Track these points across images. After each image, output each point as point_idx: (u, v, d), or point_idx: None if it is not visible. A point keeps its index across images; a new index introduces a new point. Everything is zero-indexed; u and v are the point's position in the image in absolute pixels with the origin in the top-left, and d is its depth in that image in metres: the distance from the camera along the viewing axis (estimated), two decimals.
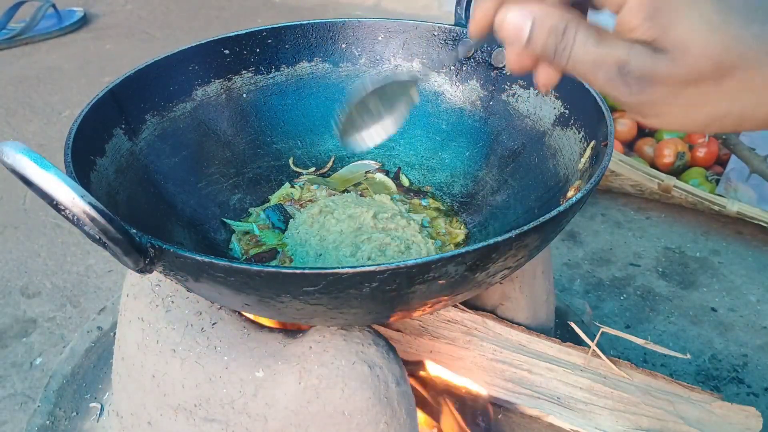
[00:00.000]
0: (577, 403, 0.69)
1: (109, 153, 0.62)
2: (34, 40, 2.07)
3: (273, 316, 0.55)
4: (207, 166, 0.75)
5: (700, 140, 1.37)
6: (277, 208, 0.75)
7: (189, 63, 0.73)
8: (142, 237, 0.44)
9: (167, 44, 2.06)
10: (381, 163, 0.81)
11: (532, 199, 0.70)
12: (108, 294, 1.14)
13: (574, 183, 0.60)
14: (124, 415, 0.67)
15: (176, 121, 0.72)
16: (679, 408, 0.67)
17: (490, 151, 0.74)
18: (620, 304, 1.13)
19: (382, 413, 0.56)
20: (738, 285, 1.17)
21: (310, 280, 0.44)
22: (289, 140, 0.80)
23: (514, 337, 0.70)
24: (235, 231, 0.73)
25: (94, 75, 1.88)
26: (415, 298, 0.49)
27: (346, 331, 0.58)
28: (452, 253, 0.44)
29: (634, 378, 0.69)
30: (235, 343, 0.58)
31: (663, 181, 1.26)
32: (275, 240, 0.72)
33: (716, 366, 1.02)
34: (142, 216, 0.63)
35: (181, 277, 0.49)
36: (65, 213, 0.41)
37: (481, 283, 0.52)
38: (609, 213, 1.36)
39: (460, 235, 0.72)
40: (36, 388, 0.96)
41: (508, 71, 0.42)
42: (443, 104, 0.78)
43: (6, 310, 1.11)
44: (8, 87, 1.81)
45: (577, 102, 0.65)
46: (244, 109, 0.77)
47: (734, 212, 1.22)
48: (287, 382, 0.56)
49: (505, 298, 0.74)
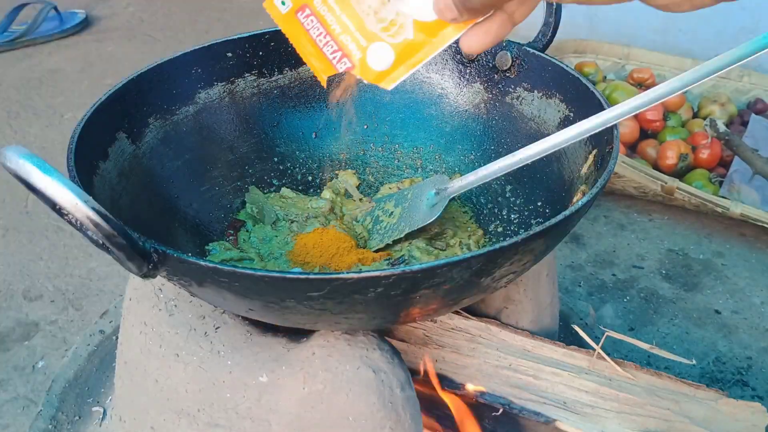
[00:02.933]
0: (583, 407, 0.68)
1: (112, 157, 0.62)
2: (36, 43, 2.07)
3: (277, 320, 0.55)
4: (210, 170, 0.74)
5: (704, 142, 1.37)
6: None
7: (192, 66, 0.73)
8: (146, 241, 0.44)
9: (169, 46, 2.06)
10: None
11: (536, 203, 0.70)
12: (110, 297, 1.14)
13: (580, 187, 0.60)
14: (126, 419, 0.67)
15: (179, 125, 0.72)
16: (685, 407, 0.67)
17: (494, 155, 0.74)
18: (623, 307, 1.13)
19: (386, 418, 0.56)
20: (742, 287, 1.17)
21: (314, 286, 0.44)
22: (291, 143, 0.80)
23: (519, 343, 0.70)
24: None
25: (96, 77, 1.88)
26: (420, 302, 0.49)
27: (350, 335, 0.57)
28: (457, 258, 0.44)
29: (639, 379, 0.69)
30: (238, 348, 0.58)
31: (666, 183, 1.26)
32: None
33: (720, 369, 1.02)
34: (145, 220, 0.63)
35: (185, 281, 0.49)
36: (68, 218, 0.41)
37: (487, 287, 0.52)
38: (612, 215, 1.36)
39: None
40: (38, 392, 0.96)
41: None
42: (447, 107, 0.78)
43: (8, 314, 1.11)
44: (10, 89, 1.81)
45: (582, 105, 0.64)
46: (247, 113, 0.77)
47: (738, 214, 1.22)
48: (291, 386, 0.56)
49: (509, 301, 0.73)
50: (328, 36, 0.46)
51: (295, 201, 0.77)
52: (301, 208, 0.75)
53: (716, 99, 1.52)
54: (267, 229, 0.73)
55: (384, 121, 0.81)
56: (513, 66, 0.73)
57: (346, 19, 0.46)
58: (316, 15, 0.46)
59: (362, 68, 0.46)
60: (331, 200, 0.77)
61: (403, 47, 0.45)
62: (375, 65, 0.46)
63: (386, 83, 0.46)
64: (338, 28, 0.46)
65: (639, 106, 0.50)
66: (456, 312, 0.71)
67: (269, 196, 0.77)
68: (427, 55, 0.44)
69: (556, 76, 0.69)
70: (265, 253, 0.70)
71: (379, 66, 0.46)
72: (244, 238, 0.72)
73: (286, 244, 0.71)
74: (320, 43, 0.47)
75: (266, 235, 0.73)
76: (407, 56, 0.45)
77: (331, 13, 0.46)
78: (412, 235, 0.69)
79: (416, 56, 0.45)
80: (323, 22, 0.46)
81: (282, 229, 0.73)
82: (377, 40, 0.45)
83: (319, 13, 0.46)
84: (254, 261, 0.69)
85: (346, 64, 0.46)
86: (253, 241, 0.72)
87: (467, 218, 0.76)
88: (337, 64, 0.46)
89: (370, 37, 0.45)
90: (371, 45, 0.45)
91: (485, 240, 0.73)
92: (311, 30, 0.47)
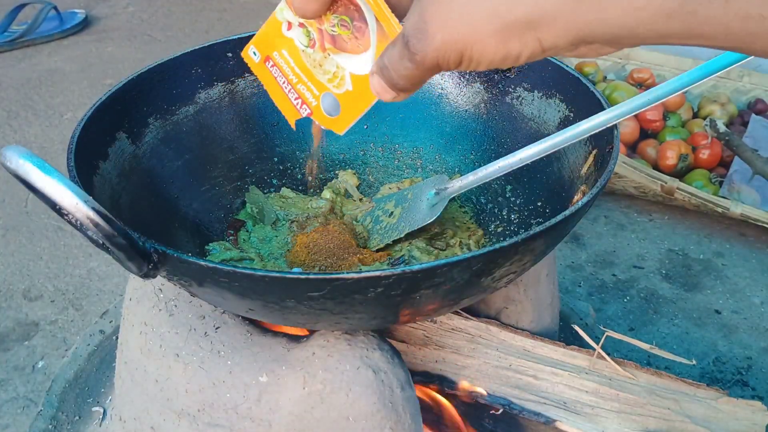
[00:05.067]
0: (583, 407, 0.68)
1: (112, 157, 0.62)
2: (36, 43, 2.07)
3: (277, 320, 0.55)
4: (210, 170, 0.74)
5: (704, 142, 1.37)
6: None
7: (192, 66, 0.73)
8: (146, 242, 0.44)
9: (169, 46, 2.06)
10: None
11: (536, 203, 0.70)
12: (110, 297, 1.14)
13: (580, 187, 0.60)
14: (126, 419, 0.67)
15: (179, 125, 0.72)
16: (685, 407, 0.67)
17: (494, 155, 0.74)
18: (624, 307, 1.13)
19: (386, 418, 0.56)
20: (742, 287, 1.17)
21: (314, 286, 0.44)
22: (292, 143, 0.80)
23: (519, 343, 0.70)
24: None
25: (96, 77, 1.88)
26: (420, 302, 0.49)
27: (350, 335, 0.57)
28: (457, 258, 0.44)
29: (640, 378, 0.69)
30: (238, 348, 0.58)
31: (666, 183, 1.26)
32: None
33: (720, 369, 1.02)
34: (145, 220, 0.63)
35: (185, 281, 0.49)
36: (68, 218, 0.41)
37: (487, 287, 0.52)
38: (612, 215, 1.36)
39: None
40: (38, 392, 0.96)
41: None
42: (447, 107, 0.78)
43: (8, 314, 1.11)
44: (10, 89, 1.81)
45: (582, 105, 0.64)
46: (247, 113, 0.77)
47: (738, 214, 1.22)
48: (291, 386, 0.56)
49: (509, 301, 0.73)
50: (290, 85, 0.50)
51: (295, 201, 0.77)
52: (301, 208, 0.75)
53: (716, 99, 1.52)
54: (267, 229, 0.73)
55: (384, 121, 0.81)
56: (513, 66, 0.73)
57: (299, 70, 0.49)
58: (277, 66, 0.50)
59: (318, 115, 0.50)
60: (331, 200, 0.77)
61: (347, 97, 0.48)
62: (327, 112, 0.49)
63: (338, 129, 0.49)
64: (295, 78, 0.50)
65: (639, 106, 0.50)
66: (456, 312, 0.71)
67: (269, 196, 0.77)
68: (367, 105, 0.47)
69: (556, 76, 0.69)
70: (265, 253, 0.70)
71: (331, 113, 0.49)
72: (244, 238, 0.72)
73: (286, 244, 0.71)
74: (285, 89, 0.51)
75: (266, 235, 0.72)
76: (351, 106, 0.48)
77: (287, 64, 0.50)
78: (412, 235, 0.69)
79: (358, 106, 0.47)
80: (284, 73, 0.50)
81: (282, 229, 0.73)
82: (326, 90, 0.48)
83: (279, 64, 0.50)
84: (254, 261, 0.69)
85: (307, 110, 0.50)
86: (253, 241, 0.72)
87: (467, 218, 0.76)
88: (300, 109, 0.50)
89: (320, 87, 0.49)
90: (322, 94, 0.49)
91: (485, 240, 0.73)
92: (277, 78, 0.51)
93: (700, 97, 1.58)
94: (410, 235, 0.68)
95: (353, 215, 0.75)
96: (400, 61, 0.39)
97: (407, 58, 0.38)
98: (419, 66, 0.38)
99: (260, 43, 0.51)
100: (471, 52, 0.36)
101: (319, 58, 0.47)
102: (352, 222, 0.74)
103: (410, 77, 0.39)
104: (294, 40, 0.48)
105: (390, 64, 0.40)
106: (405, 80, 0.40)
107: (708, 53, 1.63)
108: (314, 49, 0.47)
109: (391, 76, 0.40)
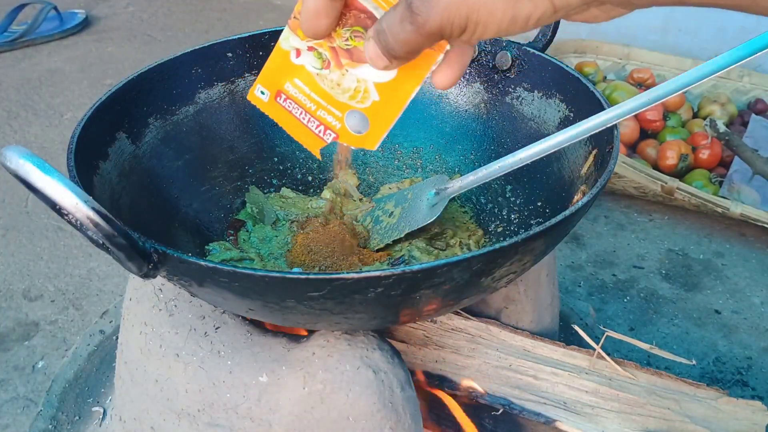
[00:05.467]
0: (583, 407, 0.68)
1: (112, 157, 0.62)
2: (36, 43, 2.07)
3: (277, 320, 0.55)
4: (210, 170, 0.74)
5: (704, 142, 1.37)
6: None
7: (192, 66, 0.73)
8: (146, 242, 0.44)
9: (169, 46, 2.06)
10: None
11: (536, 203, 0.70)
12: (110, 297, 1.14)
13: (580, 187, 0.60)
14: (127, 419, 0.67)
15: (179, 125, 0.72)
16: (686, 407, 0.67)
17: (494, 155, 0.74)
18: (624, 307, 1.13)
19: (386, 418, 0.56)
20: (742, 287, 1.17)
21: (315, 286, 0.44)
22: (291, 143, 0.79)
23: (519, 343, 0.70)
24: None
25: (96, 77, 1.88)
26: (420, 302, 0.49)
27: (350, 335, 0.57)
28: (457, 258, 0.44)
29: (640, 378, 0.69)
30: (238, 348, 0.58)
31: (666, 183, 1.26)
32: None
33: (720, 369, 1.02)
34: (145, 220, 0.63)
35: (185, 282, 0.49)
36: (68, 218, 0.41)
37: (487, 287, 0.52)
38: (612, 215, 1.36)
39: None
40: (38, 392, 0.96)
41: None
42: (447, 107, 0.78)
43: (8, 314, 1.11)
44: (10, 89, 1.81)
45: (582, 105, 0.64)
46: (247, 113, 0.77)
47: (738, 214, 1.22)
48: (291, 386, 0.56)
49: (509, 301, 0.73)
50: (308, 114, 0.49)
51: (295, 201, 0.77)
52: (301, 208, 0.75)
53: (716, 99, 1.52)
54: (267, 229, 0.73)
55: None
56: (513, 66, 0.73)
57: (317, 96, 0.48)
58: (291, 98, 0.50)
59: (345, 136, 0.49)
60: (331, 200, 0.77)
61: (374, 109, 0.47)
62: (355, 131, 0.48)
63: (370, 144, 0.48)
64: (313, 106, 0.49)
65: (639, 106, 0.50)
66: (456, 312, 0.71)
67: (269, 196, 0.77)
68: (399, 111, 0.46)
69: (556, 76, 0.69)
70: (265, 253, 0.70)
71: (359, 130, 0.48)
72: (244, 238, 0.72)
73: (286, 244, 0.71)
74: (304, 120, 0.50)
75: (266, 235, 0.72)
76: (381, 116, 0.47)
77: (302, 94, 0.49)
78: (412, 235, 0.69)
79: (389, 115, 0.47)
80: (299, 103, 0.49)
81: (282, 229, 0.73)
82: (349, 108, 0.47)
83: (293, 95, 0.49)
84: (254, 261, 0.69)
85: (331, 135, 0.49)
86: (253, 241, 0.72)
87: (467, 218, 0.76)
88: (324, 136, 0.49)
89: (342, 108, 0.48)
90: (345, 114, 0.48)
91: (485, 240, 0.73)
92: (293, 111, 0.50)
93: (700, 97, 1.58)
94: (410, 235, 0.68)
95: (353, 215, 0.75)
96: (400, 24, 0.37)
97: (408, 20, 0.36)
98: (420, 29, 0.36)
99: (267, 80, 0.50)
100: (478, 15, 0.34)
101: (336, 77, 0.47)
102: (352, 222, 0.74)
103: (408, 42, 0.37)
104: (305, 65, 0.48)
105: (388, 28, 0.38)
106: (402, 45, 0.38)
107: (708, 53, 1.64)
108: (330, 69, 0.47)
109: (387, 40, 0.38)
